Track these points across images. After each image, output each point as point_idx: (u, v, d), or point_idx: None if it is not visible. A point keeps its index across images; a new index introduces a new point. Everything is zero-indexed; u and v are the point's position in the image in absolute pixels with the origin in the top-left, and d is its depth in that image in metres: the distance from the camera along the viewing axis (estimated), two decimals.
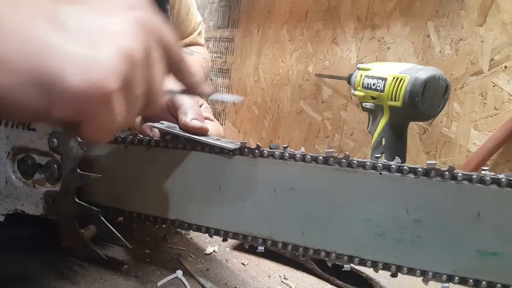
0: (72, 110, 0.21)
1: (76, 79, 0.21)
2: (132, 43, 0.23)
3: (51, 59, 0.20)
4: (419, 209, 0.36)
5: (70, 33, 0.21)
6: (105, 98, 0.22)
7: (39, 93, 0.21)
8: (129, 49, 0.22)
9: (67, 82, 0.20)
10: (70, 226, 0.46)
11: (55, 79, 0.20)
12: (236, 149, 0.41)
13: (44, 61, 0.20)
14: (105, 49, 0.22)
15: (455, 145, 0.92)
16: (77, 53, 0.21)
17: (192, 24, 0.77)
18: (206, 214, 0.43)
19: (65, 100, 0.21)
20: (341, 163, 0.38)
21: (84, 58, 0.21)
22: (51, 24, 0.21)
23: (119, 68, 0.22)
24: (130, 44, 0.23)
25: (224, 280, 0.49)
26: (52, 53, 0.21)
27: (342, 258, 0.39)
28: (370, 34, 1.12)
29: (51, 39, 0.21)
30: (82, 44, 0.21)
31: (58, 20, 0.21)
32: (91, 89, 0.21)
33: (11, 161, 0.47)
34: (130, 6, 0.24)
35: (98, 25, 0.22)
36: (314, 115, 1.32)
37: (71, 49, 0.21)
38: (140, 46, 0.23)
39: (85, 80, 0.21)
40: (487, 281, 0.35)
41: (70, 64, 0.21)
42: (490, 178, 0.35)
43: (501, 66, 0.84)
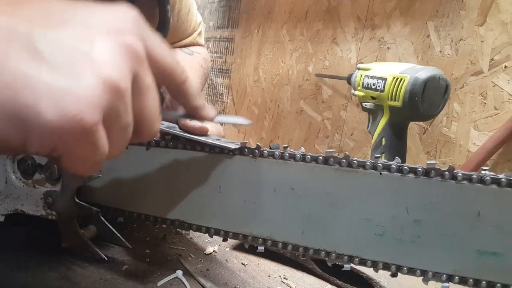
0: (48, 144, 0.20)
1: (51, 113, 0.19)
2: (116, 71, 0.21)
3: (25, 91, 0.19)
4: (419, 209, 0.36)
5: (47, 62, 0.20)
6: (85, 132, 0.20)
7: (13, 126, 0.19)
8: (111, 78, 0.21)
9: (42, 115, 0.19)
10: (70, 226, 0.46)
11: (30, 113, 0.19)
12: (236, 149, 0.41)
13: (17, 93, 0.19)
14: (84, 79, 0.20)
15: (455, 145, 0.92)
16: (54, 84, 0.19)
17: (192, 24, 0.77)
18: (206, 214, 0.43)
19: (41, 134, 0.20)
20: (341, 163, 0.38)
21: (61, 89, 0.19)
22: (26, 52, 0.20)
23: (100, 99, 0.20)
24: (113, 72, 0.21)
25: (224, 280, 0.49)
26: (26, 85, 0.19)
27: (342, 258, 0.39)
28: (370, 34, 1.12)
29: (25, 69, 0.19)
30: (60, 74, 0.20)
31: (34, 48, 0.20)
32: (68, 123, 0.19)
33: (11, 161, 0.47)
34: (117, 30, 0.22)
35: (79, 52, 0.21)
36: (314, 115, 1.32)
37: (47, 80, 0.19)
38: (125, 73, 0.22)
39: (62, 113, 0.19)
40: (487, 281, 0.35)
41: (46, 96, 0.19)
42: (490, 178, 0.35)
43: (501, 66, 0.84)
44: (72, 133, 0.20)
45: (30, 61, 0.19)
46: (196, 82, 0.70)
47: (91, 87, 0.20)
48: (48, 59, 0.20)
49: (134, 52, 0.22)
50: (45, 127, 0.19)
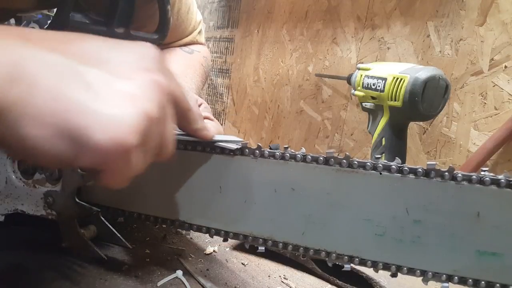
0: (94, 161, 0.24)
1: (100, 136, 0.23)
2: (149, 104, 0.25)
3: (78, 116, 0.23)
4: (419, 209, 0.36)
5: (95, 93, 0.24)
6: (125, 153, 0.24)
7: (65, 145, 0.23)
8: (147, 109, 0.25)
9: (92, 137, 0.23)
10: (70, 226, 0.46)
11: (81, 134, 0.23)
12: (237, 149, 0.41)
13: (72, 118, 0.23)
14: (126, 109, 0.24)
15: (455, 145, 0.92)
16: (102, 112, 0.23)
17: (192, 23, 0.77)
18: (207, 214, 0.43)
19: (89, 153, 0.23)
20: (342, 163, 0.38)
21: (108, 116, 0.23)
22: (78, 84, 0.24)
23: (138, 126, 0.24)
24: (148, 104, 0.25)
25: (224, 280, 0.49)
26: (79, 111, 0.23)
27: (343, 258, 0.39)
28: (370, 34, 1.12)
29: (78, 97, 0.23)
30: (105, 104, 0.24)
31: (84, 81, 0.24)
32: (113, 145, 0.23)
33: (11, 161, 0.47)
34: (146, 68, 0.27)
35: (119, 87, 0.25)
36: (314, 115, 1.32)
37: (96, 108, 0.23)
38: (156, 105, 0.26)
39: (109, 136, 0.23)
40: (486, 281, 0.36)
41: (95, 121, 0.23)
42: (490, 178, 0.35)
43: (501, 66, 0.84)
44: (116, 153, 0.24)
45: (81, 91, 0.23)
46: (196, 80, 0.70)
47: (131, 116, 0.24)
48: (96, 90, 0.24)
49: (161, 87, 0.27)
50: (94, 147, 0.23)
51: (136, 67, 0.27)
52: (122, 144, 0.24)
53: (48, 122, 0.22)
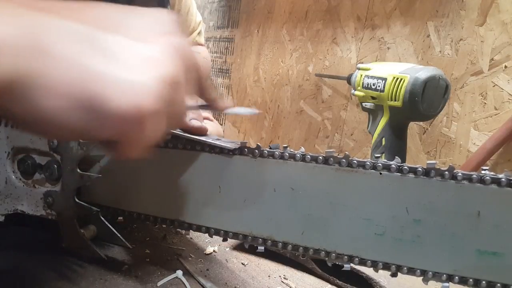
0: (113, 130, 0.23)
1: (119, 101, 0.22)
2: (169, 68, 0.25)
3: (96, 84, 0.22)
4: (419, 209, 0.36)
5: (113, 60, 0.23)
6: (144, 119, 0.23)
7: (84, 115, 0.22)
8: (166, 73, 0.24)
9: (110, 105, 0.22)
10: (70, 226, 0.46)
11: (100, 102, 0.22)
12: (236, 149, 0.41)
13: (89, 86, 0.22)
14: (145, 74, 0.23)
15: (455, 145, 0.92)
16: (120, 78, 0.23)
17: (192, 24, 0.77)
18: (206, 214, 0.43)
19: (108, 121, 0.23)
20: (341, 163, 0.38)
21: (127, 82, 0.23)
22: (95, 51, 0.23)
23: (157, 91, 0.24)
24: (167, 69, 0.25)
25: (224, 280, 0.49)
26: (97, 78, 0.22)
27: (342, 258, 0.39)
28: (370, 34, 1.12)
29: (95, 65, 0.22)
30: (124, 70, 0.23)
31: (101, 47, 0.23)
32: (132, 111, 0.23)
33: (11, 161, 0.47)
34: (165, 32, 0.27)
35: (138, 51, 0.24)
36: (314, 115, 1.32)
37: (114, 75, 0.23)
38: (176, 70, 0.25)
39: (129, 102, 0.22)
40: (487, 281, 0.35)
41: (114, 88, 0.22)
42: (490, 178, 0.35)
43: (501, 66, 0.84)
44: (135, 119, 0.23)
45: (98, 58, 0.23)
46: None
47: (150, 81, 0.23)
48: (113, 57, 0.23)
49: (182, 51, 0.26)
50: (112, 115, 0.22)
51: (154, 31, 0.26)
52: (142, 110, 0.23)
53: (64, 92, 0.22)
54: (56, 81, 0.22)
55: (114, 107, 0.22)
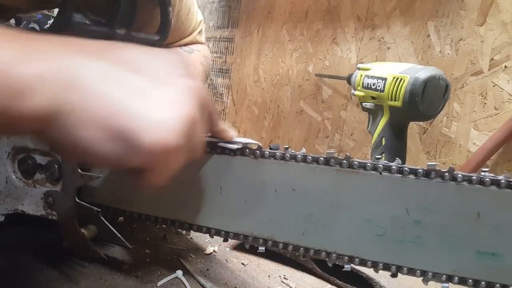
0: (142, 161, 0.26)
1: (148, 137, 0.25)
2: (188, 108, 0.28)
3: (128, 120, 0.25)
4: (419, 209, 0.37)
5: (141, 98, 0.26)
6: (169, 153, 0.26)
7: (117, 146, 0.25)
8: (186, 112, 0.27)
9: (140, 139, 0.25)
10: (70, 226, 0.46)
11: (131, 136, 0.25)
12: (238, 150, 0.41)
13: (123, 121, 0.25)
14: (169, 113, 0.26)
15: (455, 145, 0.92)
16: (148, 115, 0.26)
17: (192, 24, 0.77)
18: (207, 214, 0.43)
19: (138, 153, 0.25)
20: (342, 164, 0.38)
21: (154, 120, 0.26)
22: (126, 90, 0.26)
23: (180, 128, 0.26)
24: (187, 108, 0.28)
25: (224, 280, 0.49)
26: (128, 114, 0.25)
27: (343, 259, 0.39)
28: (370, 34, 1.12)
29: (126, 101, 0.25)
30: (151, 108, 0.26)
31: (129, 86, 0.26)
32: (159, 145, 0.25)
33: (12, 161, 0.47)
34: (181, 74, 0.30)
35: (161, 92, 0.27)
36: (314, 115, 1.32)
37: (142, 112, 0.25)
38: (193, 109, 0.28)
39: (155, 138, 0.25)
40: (486, 281, 0.36)
41: (143, 125, 0.25)
42: (490, 179, 0.35)
43: (501, 66, 0.84)
44: (161, 152, 0.26)
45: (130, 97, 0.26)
46: None
47: (175, 119, 0.26)
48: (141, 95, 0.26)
49: (196, 92, 0.29)
50: (142, 147, 0.25)
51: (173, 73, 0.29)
52: (167, 144, 0.26)
53: (102, 125, 0.24)
54: (91, 114, 0.24)
55: (143, 141, 0.25)
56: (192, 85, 0.29)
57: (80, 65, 0.25)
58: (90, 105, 0.24)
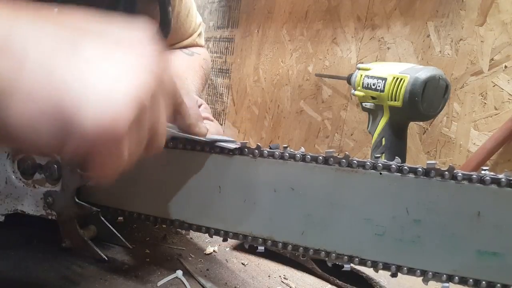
0: (83, 148, 0.22)
1: (89, 119, 0.21)
2: (142, 91, 0.23)
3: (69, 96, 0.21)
4: (419, 209, 0.36)
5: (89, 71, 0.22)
6: (115, 139, 0.22)
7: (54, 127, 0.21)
8: (140, 95, 0.23)
9: (81, 120, 0.21)
10: (70, 226, 0.46)
11: (71, 115, 0.21)
12: (236, 149, 0.41)
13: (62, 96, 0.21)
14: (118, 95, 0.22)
15: (455, 145, 0.92)
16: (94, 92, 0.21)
17: (192, 26, 0.77)
18: (206, 214, 0.43)
19: (78, 139, 0.21)
20: (341, 163, 0.38)
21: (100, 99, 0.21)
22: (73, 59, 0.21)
23: (129, 113, 0.22)
24: (141, 92, 0.23)
25: (224, 280, 0.49)
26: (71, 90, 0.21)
27: (342, 258, 0.39)
28: (370, 34, 1.13)
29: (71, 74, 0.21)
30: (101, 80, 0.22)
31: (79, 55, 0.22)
32: (103, 131, 0.21)
33: (11, 161, 0.47)
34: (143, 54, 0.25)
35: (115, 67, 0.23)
36: (314, 115, 1.32)
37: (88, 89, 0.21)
38: (149, 92, 0.24)
39: (99, 122, 0.21)
40: (487, 281, 0.35)
41: (87, 103, 0.21)
42: (490, 178, 0.35)
43: (501, 66, 0.84)
44: (105, 139, 0.22)
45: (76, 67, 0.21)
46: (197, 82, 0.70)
47: (123, 102, 0.22)
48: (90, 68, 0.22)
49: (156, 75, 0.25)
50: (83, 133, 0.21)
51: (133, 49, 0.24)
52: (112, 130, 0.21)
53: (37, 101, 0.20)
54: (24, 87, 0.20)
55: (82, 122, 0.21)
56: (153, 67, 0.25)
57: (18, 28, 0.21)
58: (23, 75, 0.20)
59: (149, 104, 0.24)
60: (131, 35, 0.25)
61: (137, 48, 0.24)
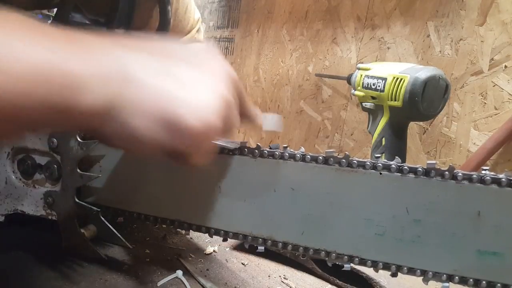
0: (187, 143, 0.28)
1: (193, 120, 0.27)
2: (226, 91, 0.30)
3: (174, 106, 0.27)
4: (419, 209, 0.36)
5: (183, 85, 0.28)
6: (212, 134, 0.28)
7: (164, 131, 0.27)
8: (224, 95, 0.30)
9: (186, 123, 0.27)
10: (70, 226, 0.46)
11: (177, 121, 0.27)
12: (236, 149, 0.41)
13: (168, 108, 0.27)
14: (209, 97, 0.29)
15: (455, 145, 0.92)
16: (189, 100, 0.28)
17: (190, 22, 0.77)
18: (206, 214, 0.43)
19: (184, 136, 0.27)
20: (341, 163, 0.38)
21: (194, 104, 0.28)
22: (169, 79, 0.28)
23: (220, 110, 0.29)
24: (225, 92, 0.30)
25: (224, 280, 0.49)
26: (174, 101, 0.27)
27: (343, 258, 0.39)
28: (370, 34, 1.12)
29: (173, 91, 0.27)
30: (191, 93, 0.28)
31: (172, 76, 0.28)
32: (203, 127, 0.27)
33: (11, 161, 0.47)
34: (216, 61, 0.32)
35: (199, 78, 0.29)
36: (314, 115, 1.32)
37: (187, 99, 0.27)
38: (230, 92, 0.31)
39: (200, 120, 0.27)
40: (487, 281, 0.35)
41: (187, 109, 0.27)
42: (490, 178, 0.35)
43: (501, 66, 0.84)
44: (205, 134, 0.28)
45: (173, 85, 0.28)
46: None
47: (214, 102, 0.29)
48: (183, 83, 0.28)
49: (230, 76, 0.32)
50: (187, 130, 0.27)
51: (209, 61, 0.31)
52: (210, 126, 0.28)
53: (153, 115, 0.26)
54: (142, 105, 0.26)
55: (187, 124, 0.27)
56: (227, 70, 0.32)
57: (131, 60, 0.27)
58: (142, 97, 0.26)
59: (231, 102, 0.30)
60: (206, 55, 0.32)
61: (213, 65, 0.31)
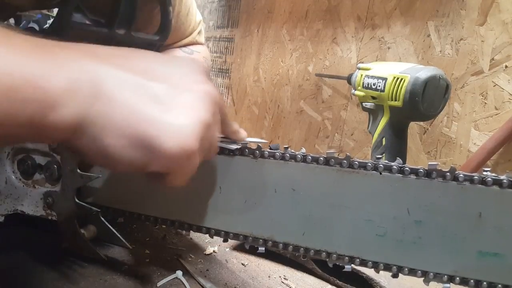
0: (164, 166, 0.27)
1: (169, 143, 0.26)
2: (205, 113, 0.29)
3: (150, 127, 0.26)
4: (420, 210, 0.36)
5: (161, 106, 0.27)
6: (189, 156, 0.27)
7: (140, 152, 0.26)
8: (203, 117, 0.29)
9: (162, 145, 0.26)
10: (70, 226, 0.45)
11: (154, 143, 0.26)
12: (237, 150, 0.41)
13: (145, 128, 0.26)
14: (187, 118, 0.28)
15: (455, 145, 0.92)
16: (167, 122, 0.27)
17: (192, 24, 0.77)
18: (207, 214, 0.43)
19: (160, 158, 0.26)
20: (342, 164, 0.38)
21: (172, 126, 0.27)
22: (147, 98, 0.27)
23: (198, 133, 0.28)
24: (204, 113, 0.29)
25: (224, 281, 0.49)
26: (151, 122, 0.26)
27: (343, 259, 0.39)
28: (370, 34, 1.12)
29: (149, 110, 0.26)
30: (170, 114, 0.27)
31: (151, 95, 0.27)
32: (180, 150, 0.27)
33: (11, 161, 0.47)
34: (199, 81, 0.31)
35: (179, 98, 0.28)
36: (314, 115, 1.32)
37: (163, 119, 0.27)
38: (210, 114, 0.29)
39: (176, 144, 0.26)
40: (488, 282, 0.35)
41: (164, 131, 0.26)
42: (492, 179, 0.35)
43: (502, 66, 0.84)
44: (183, 157, 0.27)
45: (151, 104, 0.27)
46: None
47: (192, 125, 0.28)
48: (161, 103, 0.27)
49: (212, 97, 0.30)
50: (164, 153, 0.26)
51: (190, 80, 0.30)
52: (187, 149, 0.27)
53: (126, 133, 0.25)
54: (118, 123, 0.25)
55: (163, 147, 0.26)
56: (209, 90, 0.31)
57: (103, 74, 0.26)
58: (113, 114, 0.25)
59: (210, 124, 0.29)
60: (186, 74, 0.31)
61: (194, 84, 0.30)
